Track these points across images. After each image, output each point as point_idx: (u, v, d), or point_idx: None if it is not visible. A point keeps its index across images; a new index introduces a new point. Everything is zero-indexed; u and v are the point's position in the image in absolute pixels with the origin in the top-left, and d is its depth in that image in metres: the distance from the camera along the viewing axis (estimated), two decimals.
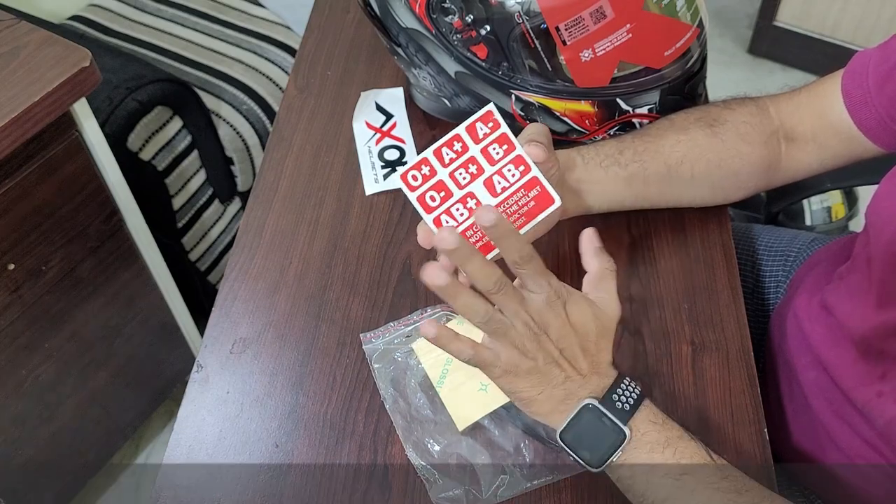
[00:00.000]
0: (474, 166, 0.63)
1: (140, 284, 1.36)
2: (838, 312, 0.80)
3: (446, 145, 0.63)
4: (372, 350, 0.78)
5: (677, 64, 0.85)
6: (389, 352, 0.77)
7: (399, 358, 0.77)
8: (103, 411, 1.43)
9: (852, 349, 0.77)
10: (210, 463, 0.73)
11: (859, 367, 0.76)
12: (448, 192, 0.63)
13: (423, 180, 0.63)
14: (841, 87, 0.79)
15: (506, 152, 0.63)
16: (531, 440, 0.72)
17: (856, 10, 2.08)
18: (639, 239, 0.86)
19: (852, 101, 0.78)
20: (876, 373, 0.74)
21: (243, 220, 0.90)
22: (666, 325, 0.80)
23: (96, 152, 1.16)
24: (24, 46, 1.05)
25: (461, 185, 0.63)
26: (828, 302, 0.82)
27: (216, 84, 1.53)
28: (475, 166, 0.63)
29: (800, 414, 0.85)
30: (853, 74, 0.79)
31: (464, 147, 0.63)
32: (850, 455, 0.78)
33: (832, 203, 1.39)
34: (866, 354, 0.75)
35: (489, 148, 0.63)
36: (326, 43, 1.09)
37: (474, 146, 0.63)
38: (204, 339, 0.81)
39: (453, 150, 0.63)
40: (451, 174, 0.63)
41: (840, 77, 0.80)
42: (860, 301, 0.76)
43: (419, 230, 0.66)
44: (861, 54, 0.80)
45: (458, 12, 0.82)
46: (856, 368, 0.77)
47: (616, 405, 0.62)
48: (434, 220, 0.63)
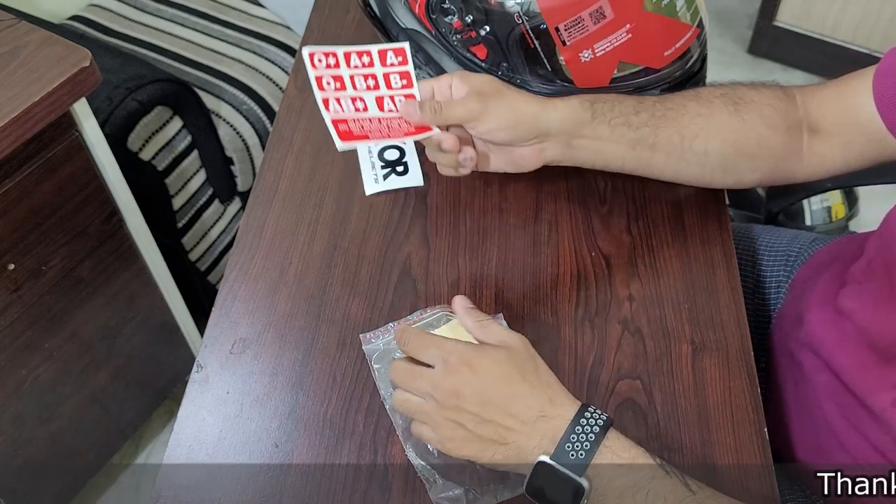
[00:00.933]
0: (372, 81, 0.74)
1: (140, 284, 1.36)
2: (858, 318, 0.78)
3: (356, 54, 0.73)
4: (372, 350, 0.78)
5: (677, 64, 0.85)
6: (389, 352, 0.77)
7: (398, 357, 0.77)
8: (103, 411, 1.43)
9: (872, 355, 0.76)
10: (210, 463, 0.73)
11: (877, 373, 0.75)
12: (342, 86, 0.74)
13: (326, 67, 0.73)
14: (872, 86, 0.76)
15: (403, 87, 0.74)
16: None
17: (856, 10, 2.08)
18: (639, 239, 0.86)
19: (884, 101, 0.75)
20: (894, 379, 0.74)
21: (243, 220, 0.90)
22: (666, 325, 0.80)
23: (96, 152, 1.16)
24: (24, 46, 1.05)
25: (356, 87, 0.74)
26: (844, 307, 0.81)
27: (216, 84, 1.53)
28: (373, 81, 0.74)
29: (805, 415, 0.84)
30: (885, 74, 0.76)
31: (370, 63, 0.73)
32: (856, 457, 0.78)
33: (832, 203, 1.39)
34: (888, 360, 0.75)
35: (391, 75, 0.73)
36: (326, 43, 1.08)
37: (380, 67, 0.73)
38: (204, 339, 0.81)
39: (360, 61, 0.73)
40: (351, 76, 0.74)
41: (870, 76, 0.77)
42: (884, 308, 0.75)
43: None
44: (892, 53, 0.76)
45: (457, 13, 0.82)
46: (873, 374, 0.76)
47: (570, 455, 0.60)
48: (323, 100, 0.74)
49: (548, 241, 0.86)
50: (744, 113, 0.79)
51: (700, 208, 0.88)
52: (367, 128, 0.76)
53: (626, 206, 0.88)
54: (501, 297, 0.82)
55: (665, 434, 0.73)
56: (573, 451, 0.60)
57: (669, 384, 0.76)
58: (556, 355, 0.77)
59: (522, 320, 0.80)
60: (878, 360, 0.76)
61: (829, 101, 0.80)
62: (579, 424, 0.61)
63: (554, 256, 0.85)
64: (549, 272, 0.84)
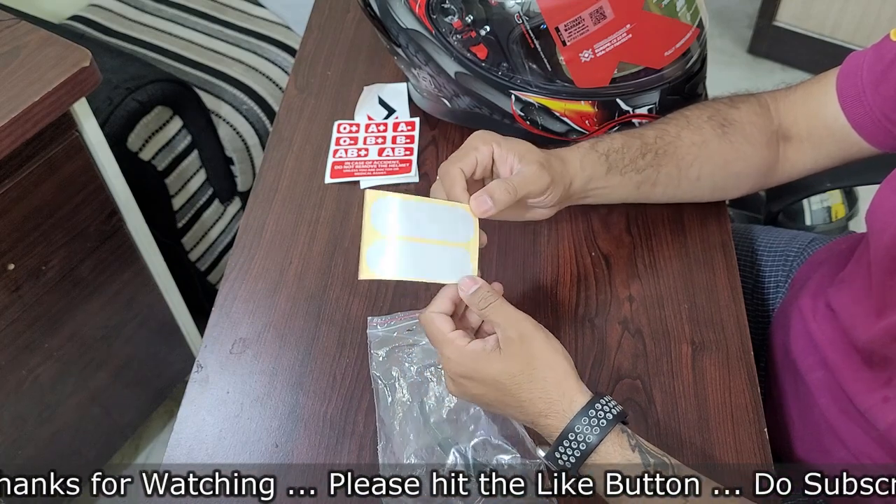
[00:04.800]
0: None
1: (140, 284, 1.36)
2: (843, 316, 0.80)
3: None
4: (373, 336, 0.78)
5: (677, 64, 0.85)
6: (390, 340, 0.77)
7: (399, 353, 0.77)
8: (103, 411, 1.43)
9: (856, 356, 0.77)
10: (210, 463, 0.73)
11: (864, 374, 0.76)
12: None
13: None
14: (836, 86, 0.80)
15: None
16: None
17: (856, 10, 2.08)
18: (639, 239, 0.86)
19: (847, 100, 0.79)
20: (881, 378, 0.74)
21: (243, 220, 0.90)
22: (666, 325, 0.80)
23: (96, 152, 1.16)
24: (24, 46, 1.05)
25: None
26: (832, 304, 0.82)
27: (216, 84, 1.53)
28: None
29: (805, 413, 0.85)
30: (847, 74, 0.79)
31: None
32: (858, 454, 0.78)
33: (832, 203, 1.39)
34: (870, 361, 0.75)
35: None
36: (326, 43, 1.09)
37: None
38: (204, 339, 0.81)
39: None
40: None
41: (834, 77, 0.80)
42: (862, 307, 0.76)
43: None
44: (854, 55, 0.80)
45: (457, 13, 0.82)
46: (860, 374, 0.76)
47: (559, 462, 0.61)
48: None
49: (548, 241, 0.86)
50: (731, 136, 0.81)
51: (700, 208, 0.88)
52: None
53: (626, 206, 0.88)
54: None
55: (665, 434, 0.73)
56: (562, 457, 0.61)
57: (669, 384, 0.76)
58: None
59: None
60: (862, 361, 0.77)
61: (797, 104, 0.83)
62: (561, 445, 0.61)
63: (554, 256, 0.85)
64: (549, 272, 0.84)
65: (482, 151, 0.70)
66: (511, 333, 0.63)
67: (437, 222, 0.66)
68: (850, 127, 0.79)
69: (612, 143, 0.78)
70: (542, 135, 0.89)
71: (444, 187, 0.69)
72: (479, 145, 0.70)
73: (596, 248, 0.85)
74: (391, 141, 0.95)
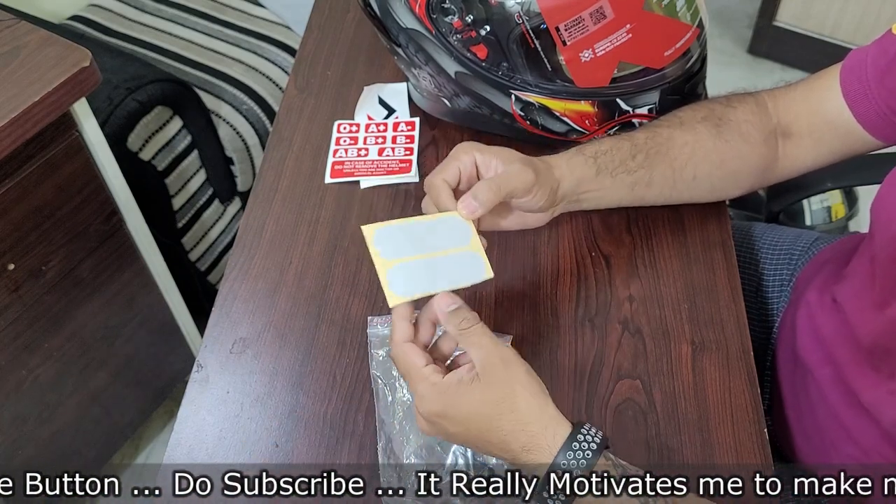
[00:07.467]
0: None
1: (140, 284, 1.36)
2: (847, 310, 0.80)
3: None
4: (373, 335, 0.78)
5: (677, 64, 0.85)
6: None
7: None
8: (103, 411, 1.43)
9: (861, 350, 0.77)
10: (210, 463, 0.73)
11: (869, 368, 0.76)
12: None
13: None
14: (839, 81, 0.80)
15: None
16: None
17: (856, 10, 2.08)
18: (639, 239, 0.86)
19: (852, 94, 0.79)
20: (885, 372, 0.74)
21: (243, 220, 0.90)
22: (666, 325, 0.80)
23: (96, 152, 1.16)
24: (24, 46, 1.05)
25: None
26: (837, 299, 0.82)
27: (216, 84, 1.53)
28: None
29: (813, 411, 0.85)
30: (851, 69, 0.79)
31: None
32: (868, 452, 0.78)
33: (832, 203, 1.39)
34: (874, 354, 0.75)
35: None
36: (326, 43, 1.09)
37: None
38: (204, 339, 0.81)
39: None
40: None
41: (836, 72, 0.81)
42: (865, 301, 0.76)
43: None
44: (856, 51, 0.80)
45: (458, 12, 0.82)
46: (865, 369, 0.77)
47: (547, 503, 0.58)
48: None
49: (548, 241, 0.86)
50: (726, 135, 0.81)
51: (700, 208, 0.88)
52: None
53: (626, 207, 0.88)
54: (501, 297, 0.82)
55: (665, 434, 0.73)
56: (551, 499, 0.58)
57: (669, 384, 0.76)
58: (555, 355, 0.77)
59: (522, 320, 0.80)
60: (865, 356, 0.77)
61: (798, 101, 0.83)
62: (549, 483, 0.58)
63: (554, 256, 0.85)
64: (549, 272, 0.84)
65: (464, 160, 0.71)
66: (494, 358, 0.60)
67: (436, 234, 0.67)
68: (854, 121, 0.79)
69: (599, 146, 0.79)
70: (542, 135, 0.89)
71: (430, 198, 0.70)
72: (460, 155, 0.71)
73: (596, 247, 0.85)
74: (391, 141, 0.95)
